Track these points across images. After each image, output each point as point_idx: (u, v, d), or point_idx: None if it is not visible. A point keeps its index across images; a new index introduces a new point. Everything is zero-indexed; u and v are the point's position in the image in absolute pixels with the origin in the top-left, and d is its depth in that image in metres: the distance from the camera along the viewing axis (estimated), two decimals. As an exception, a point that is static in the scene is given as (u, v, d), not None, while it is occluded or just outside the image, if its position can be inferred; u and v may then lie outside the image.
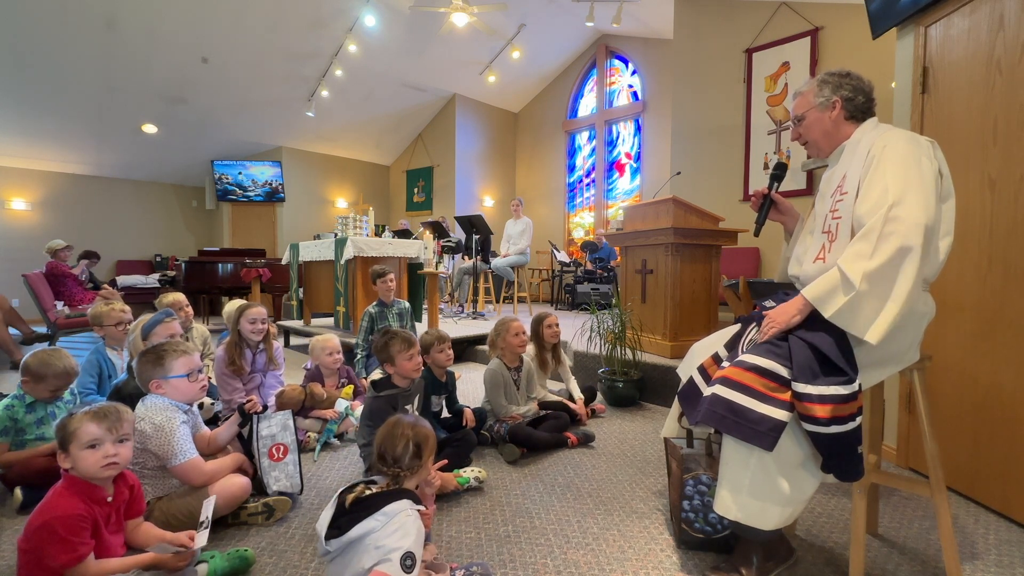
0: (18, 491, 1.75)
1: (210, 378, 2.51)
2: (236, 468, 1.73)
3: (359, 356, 3.34)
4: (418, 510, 1.17)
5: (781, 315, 1.27)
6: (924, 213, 1.15)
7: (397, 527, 1.10)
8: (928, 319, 1.28)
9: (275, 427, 1.83)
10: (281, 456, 1.79)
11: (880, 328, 1.14)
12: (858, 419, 1.14)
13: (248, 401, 1.87)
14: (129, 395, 1.77)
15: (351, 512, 1.13)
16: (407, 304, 3.54)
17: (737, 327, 1.49)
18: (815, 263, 1.40)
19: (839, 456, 1.15)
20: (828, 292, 1.20)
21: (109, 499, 1.28)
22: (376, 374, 2.11)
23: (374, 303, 3.43)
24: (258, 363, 2.54)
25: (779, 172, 1.62)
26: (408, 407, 1.97)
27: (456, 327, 4.77)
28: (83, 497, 1.21)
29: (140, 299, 7.17)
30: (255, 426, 1.80)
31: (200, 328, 3.02)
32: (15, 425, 1.87)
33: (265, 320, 2.53)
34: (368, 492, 1.17)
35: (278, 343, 2.68)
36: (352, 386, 2.72)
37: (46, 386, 1.88)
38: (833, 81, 1.42)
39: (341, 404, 2.51)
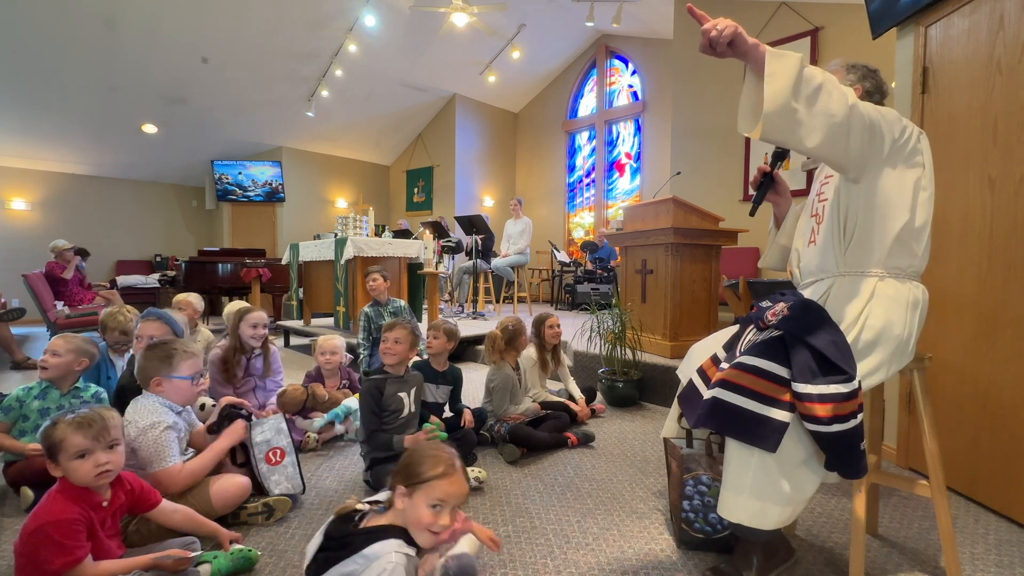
0: (27, 490, 1.75)
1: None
2: (217, 462, 1.68)
3: (362, 356, 3.37)
4: (406, 554, 1.02)
5: (743, 31, 1.18)
6: (871, 106, 1.20)
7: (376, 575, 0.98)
8: (921, 309, 1.28)
9: (268, 432, 1.82)
10: (279, 460, 1.79)
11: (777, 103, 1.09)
12: (859, 416, 1.14)
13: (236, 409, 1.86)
14: (132, 391, 1.76)
15: (334, 547, 1.04)
16: (402, 303, 3.56)
17: (736, 328, 1.49)
18: (809, 247, 1.44)
19: (842, 454, 1.15)
20: (785, 70, 1.12)
21: (104, 503, 1.27)
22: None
23: (370, 303, 3.47)
24: (254, 367, 2.52)
25: (781, 151, 1.60)
26: (402, 395, 1.96)
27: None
28: (78, 501, 1.21)
29: (140, 299, 7.17)
30: (248, 434, 1.80)
31: (205, 332, 2.97)
32: (20, 408, 1.87)
33: (266, 325, 2.51)
34: (355, 510, 1.07)
35: (275, 348, 2.65)
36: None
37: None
38: (861, 70, 1.46)
39: (353, 402, 2.52)
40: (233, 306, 2.70)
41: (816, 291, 1.35)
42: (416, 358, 2.21)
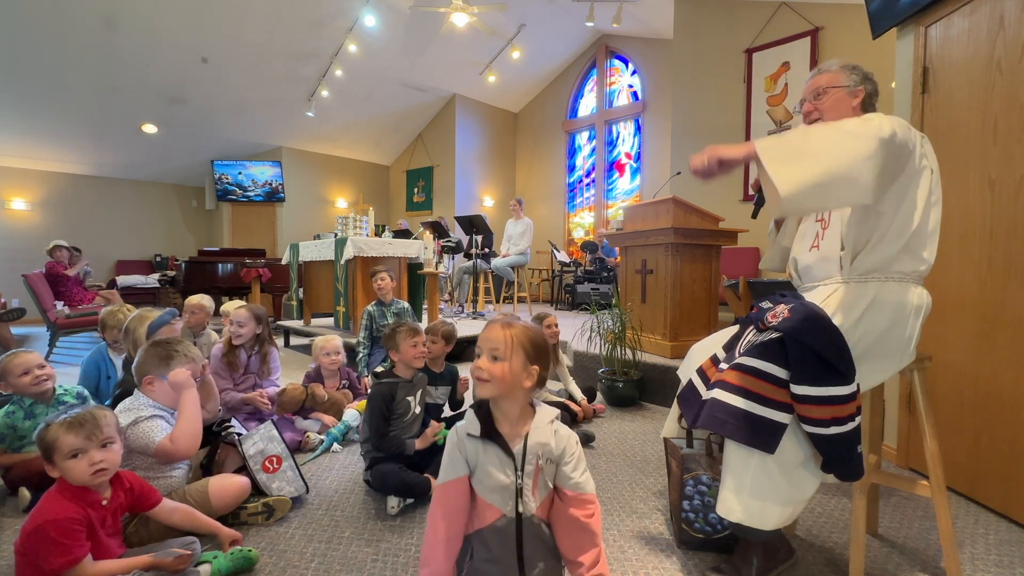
0: (24, 491, 1.75)
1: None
2: (198, 410, 1.62)
3: (361, 355, 3.35)
4: (467, 435, 1.14)
5: (723, 148, 1.18)
6: (893, 125, 1.14)
7: None
8: (923, 313, 1.27)
9: (260, 442, 1.80)
10: (276, 467, 1.78)
11: (791, 182, 1.07)
12: (857, 419, 1.14)
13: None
14: (128, 392, 1.76)
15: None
16: (405, 304, 3.56)
17: (735, 328, 1.49)
18: (811, 251, 1.44)
19: (839, 456, 1.15)
20: (780, 148, 1.12)
21: (104, 503, 1.27)
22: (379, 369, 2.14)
23: (374, 302, 3.46)
24: (251, 366, 2.53)
25: None
26: (410, 398, 1.98)
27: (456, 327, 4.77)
28: (76, 500, 1.21)
29: (140, 299, 7.17)
30: (240, 448, 1.79)
31: (214, 336, 2.94)
32: (15, 433, 1.87)
33: (244, 323, 2.46)
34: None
35: (275, 350, 2.65)
36: (365, 401, 2.72)
37: (9, 382, 1.86)
38: (862, 72, 1.45)
39: (351, 415, 2.51)
40: (232, 304, 2.71)
41: (819, 295, 1.33)
42: None
